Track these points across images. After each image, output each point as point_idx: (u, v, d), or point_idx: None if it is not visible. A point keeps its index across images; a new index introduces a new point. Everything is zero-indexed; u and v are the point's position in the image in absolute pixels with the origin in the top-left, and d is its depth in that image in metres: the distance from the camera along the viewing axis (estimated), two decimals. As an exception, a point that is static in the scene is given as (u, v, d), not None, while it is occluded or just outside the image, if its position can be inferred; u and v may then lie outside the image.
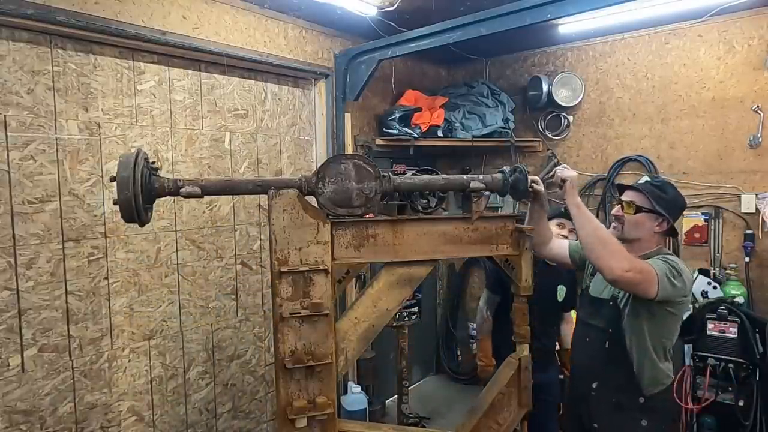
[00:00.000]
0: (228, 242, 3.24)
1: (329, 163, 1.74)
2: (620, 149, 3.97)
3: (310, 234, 1.65)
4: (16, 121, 2.36)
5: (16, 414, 2.39)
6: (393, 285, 1.78)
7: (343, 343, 1.73)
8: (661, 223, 2.04)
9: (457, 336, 4.95)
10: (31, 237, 2.42)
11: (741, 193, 3.47)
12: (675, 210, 2.07)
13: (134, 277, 2.80)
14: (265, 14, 3.23)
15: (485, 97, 4.30)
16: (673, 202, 2.06)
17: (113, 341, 2.72)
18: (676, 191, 2.10)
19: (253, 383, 3.41)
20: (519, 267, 1.93)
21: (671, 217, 2.05)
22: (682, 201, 2.10)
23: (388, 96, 4.28)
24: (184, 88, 2.98)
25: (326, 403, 1.65)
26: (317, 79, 3.68)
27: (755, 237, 3.40)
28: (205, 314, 3.13)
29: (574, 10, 2.66)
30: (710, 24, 3.50)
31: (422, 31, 3.15)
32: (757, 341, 2.97)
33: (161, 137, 2.88)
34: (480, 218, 1.85)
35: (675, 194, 2.08)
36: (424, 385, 4.91)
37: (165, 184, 1.63)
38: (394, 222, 1.79)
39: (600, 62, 4.04)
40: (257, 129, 3.37)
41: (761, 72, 3.38)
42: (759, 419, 2.96)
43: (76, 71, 2.54)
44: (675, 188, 2.12)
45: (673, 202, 2.06)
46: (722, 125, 3.54)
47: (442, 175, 1.91)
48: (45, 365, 2.48)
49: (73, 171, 2.55)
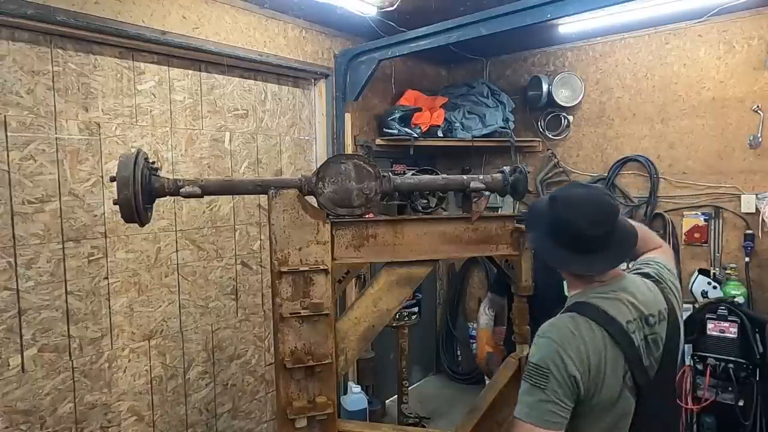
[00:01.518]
0: (228, 242, 3.24)
1: (329, 163, 1.74)
2: (620, 149, 3.97)
3: (310, 234, 1.65)
4: (16, 121, 2.36)
5: (16, 414, 2.39)
6: (393, 285, 1.78)
7: (343, 343, 1.73)
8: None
9: (457, 336, 4.95)
10: (31, 237, 2.42)
11: (741, 193, 3.46)
12: (544, 227, 1.39)
13: (134, 277, 2.80)
14: (265, 14, 3.23)
15: (485, 97, 4.30)
16: (537, 219, 1.44)
17: (113, 341, 2.72)
18: (543, 204, 1.44)
19: (253, 383, 3.41)
20: (519, 267, 1.94)
21: (548, 240, 1.38)
22: (555, 215, 1.38)
23: (388, 96, 4.28)
24: (184, 88, 2.98)
25: (326, 403, 1.66)
26: (317, 79, 3.68)
27: (755, 237, 3.40)
28: (205, 314, 3.13)
29: (574, 10, 2.66)
30: (710, 24, 3.50)
31: (422, 31, 3.15)
32: (757, 341, 2.97)
33: (161, 137, 2.88)
34: (480, 218, 1.85)
35: (541, 207, 1.44)
36: (424, 385, 4.91)
37: (165, 184, 1.63)
38: (394, 222, 1.79)
39: (600, 62, 4.04)
40: (257, 129, 3.37)
41: (761, 72, 3.38)
42: (759, 419, 2.96)
43: (76, 71, 2.54)
44: (552, 200, 1.41)
45: (537, 219, 1.44)
46: (722, 125, 3.54)
47: (442, 175, 1.91)
48: (45, 365, 2.48)
49: (73, 171, 2.55)
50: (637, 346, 1.30)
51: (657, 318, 1.35)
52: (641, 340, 1.32)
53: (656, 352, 1.33)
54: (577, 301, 1.37)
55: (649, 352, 1.33)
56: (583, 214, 1.33)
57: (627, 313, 1.32)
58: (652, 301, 1.37)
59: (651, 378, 1.32)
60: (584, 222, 1.32)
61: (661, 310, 1.37)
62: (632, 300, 1.35)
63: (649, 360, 1.32)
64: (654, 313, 1.36)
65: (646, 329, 1.33)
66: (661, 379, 1.34)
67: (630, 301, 1.35)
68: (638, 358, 1.30)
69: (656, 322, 1.35)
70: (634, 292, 1.37)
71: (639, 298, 1.36)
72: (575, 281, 1.42)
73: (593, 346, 1.26)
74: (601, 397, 1.27)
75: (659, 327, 1.34)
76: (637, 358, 1.30)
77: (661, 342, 1.34)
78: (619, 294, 1.35)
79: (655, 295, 1.39)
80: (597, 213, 1.34)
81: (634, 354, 1.29)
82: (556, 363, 1.24)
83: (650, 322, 1.34)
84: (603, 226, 1.33)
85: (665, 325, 1.35)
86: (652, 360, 1.33)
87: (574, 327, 1.29)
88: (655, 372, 1.33)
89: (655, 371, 1.33)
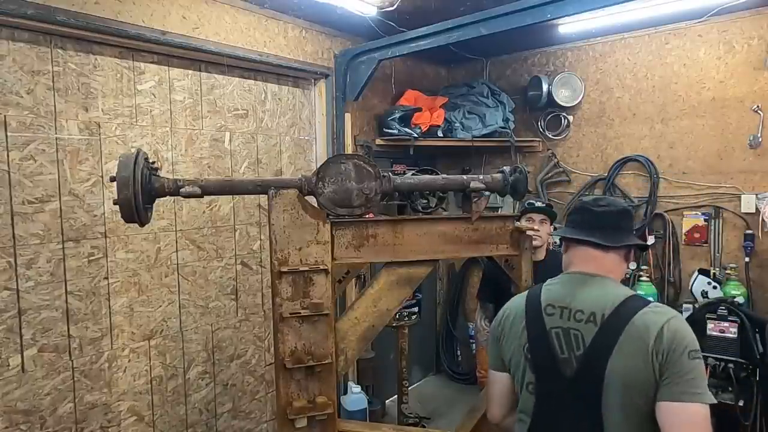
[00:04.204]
0: (228, 242, 3.24)
1: (329, 163, 1.74)
2: (620, 149, 3.97)
3: (310, 234, 1.65)
4: (16, 121, 2.36)
5: (16, 414, 2.39)
6: (393, 285, 1.78)
7: (343, 343, 1.73)
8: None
9: (457, 336, 4.95)
10: (31, 237, 2.42)
11: (741, 193, 3.46)
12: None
13: (134, 277, 2.80)
14: (265, 14, 3.23)
15: (485, 97, 4.30)
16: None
17: (113, 341, 2.72)
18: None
19: (253, 383, 3.41)
20: (519, 267, 1.94)
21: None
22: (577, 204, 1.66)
23: (388, 96, 4.28)
24: (184, 88, 2.98)
25: (326, 403, 1.66)
26: (317, 79, 3.68)
27: (755, 237, 3.40)
28: (205, 314, 3.13)
29: (574, 10, 2.66)
30: (710, 24, 3.50)
31: (422, 31, 3.15)
32: (757, 341, 2.97)
33: (161, 137, 2.88)
34: (480, 218, 1.85)
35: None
36: (424, 385, 4.91)
37: (165, 184, 1.63)
38: (394, 222, 1.79)
39: (600, 62, 4.04)
40: (257, 129, 3.37)
41: (761, 72, 3.38)
42: (759, 419, 2.96)
43: (76, 71, 2.54)
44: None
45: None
46: (722, 125, 3.54)
47: (442, 175, 1.91)
48: (45, 365, 2.48)
49: (73, 171, 2.55)
50: (548, 329, 1.42)
51: (586, 317, 1.37)
52: (558, 328, 1.41)
53: (576, 350, 1.37)
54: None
55: (568, 344, 1.38)
56: (595, 197, 1.61)
57: (555, 299, 1.45)
58: (591, 301, 1.39)
59: (561, 370, 1.37)
60: (591, 199, 1.55)
61: (595, 312, 1.36)
62: (571, 292, 1.44)
63: (566, 352, 1.38)
64: (584, 310, 1.38)
65: (570, 322, 1.40)
66: (581, 381, 1.35)
67: (567, 292, 1.45)
68: (543, 339, 1.42)
69: (583, 320, 1.38)
70: (577, 287, 1.45)
71: (579, 293, 1.43)
72: (565, 268, 1.55)
73: (514, 312, 1.52)
74: (508, 355, 1.52)
75: (584, 326, 1.37)
76: (542, 338, 1.42)
77: (582, 342, 1.36)
78: (566, 284, 1.48)
79: (602, 300, 1.38)
80: (606, 198, 1.57)
81: (539, 333, 1.43)
82: (494, 321, 1.60)
83: (577, 317, 1.39)
84: (611, 206, 1.50)
85: (592, 328, 1.35)
86: (572, 355, 1.37)
87: (517, 299, 1.56)
88: (575, 371, 1.35)
89: (575, 370, 1.36)
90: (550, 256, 2.84)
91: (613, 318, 1.33)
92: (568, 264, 1.53)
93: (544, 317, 1.43)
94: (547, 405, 1.41)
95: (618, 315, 1.33)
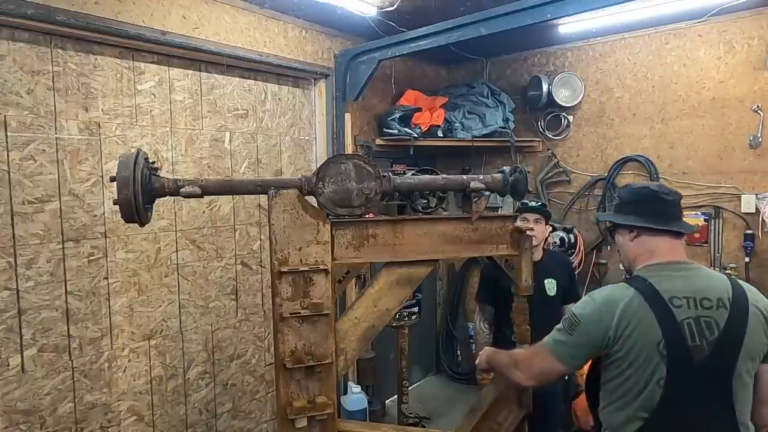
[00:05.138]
0: (228, 242, 3.24)
1: (329, 163, 1.74)
2: (620, 149, 3.97)
3: (310, 234, 1.65)
4: (16, 121, 2.36)
5: (16, 414, 2.39)
6: (393, 285, 1.78)
7: (343, 343, 1.73)
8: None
9: (457, 336, 4.95)
10: (31, 237, 2.42)
11: (741, 193, 3.46)
12: (619, 209, 1.71)
13: (134, 277, 2.80)
14: (265, 14, 3.23)
15: (485, 97, 4.30)
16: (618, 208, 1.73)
17: (113, 341, 2.72)
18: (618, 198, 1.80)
19: (253, 383, 3.41)
20: (519, 267, 1.94)
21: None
22: (629, 191, 1.75)
23: (388, 96, 4.28)
24: (184, 88, 2.98)
25: (326, 403, 1.66)
26: (317, 79, 3.68)
27: (755, 237, 3.40)
28: (205, 314, 3.13)
29: (574, 10, 2.66)
30: (710, 24, 3.50)
31: (422, 31, 3.15)
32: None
33: (161, 137, 2.88)
34: (480, 218, 1.85)
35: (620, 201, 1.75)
36: (424, 385, 4.91)
37: (165, 184, 1.63)
38: (394, 222, 1.79)
39: (600, 62, 4.04)
40: (257, 129, 3.37)
41: (761, 72, 3.38)
42: (759, 419, 2.96)
43: (76, 71, 2.54)
44: (625, 186, 1.94)
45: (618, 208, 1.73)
46: (722, 125, 3.54)
47: (442, 175, 1.91)
48: (45, 365, 2.48)
49: (73, 171, 2.55)
50: (680, 321, 1.41)
51: (714, 303, 1.43)
52: (690, 318, 1.42)
53: (710, 336, 1.41)
54: (636, 275, 1.55)
55: (700, 332, 1.41)
56: (658, 185, 1.62)
57: (677, 291, 1.45)
58: (709, 287, 1.46)
59: (694, 359, 1.40)
60: (656, 187, 1.59)
61: (721, 297, 1.44)
62: (686, 281, 1.47)
63: (698, 340, 1.41)
64: (709, 297, 1.44)
65: (699, 310, 1.43)
66: (711, 365, 1.41)
67: (683, 282, 1.47)
68: (678, 332, 1.41)
69: (712, 306, 1.43)
70: (686, 276, 1.49)
71: (693, 282, 1.48)
72: (639, 259, 1.57)
73: (629, 310, 1.44)
74: (633, 353, 1.43)
75: (715, 312, 1.43)
76: (677, 332, 1.41)
77: (716, 327, 1.41)
78: (672, 273, 1.49)
79: (718, 285, 1.48)
80: (665, 186, 1.62)
81: (671, 326, 1.41)
82: (589, 318, 1.50)
83: (704, 305, 1.43)
84: (674, 194, 1.57)
85: (723, 312, 1.42)
86: (704, 342, 1.40)
87: (619, 293, 1.49)
88: (707, 356, 1.40)
89: (707, 355, 1.40)
90: (548, 255, 2.83)
91: (736, 299, 1.44)
92: (650, 253, 1.54)
93: (672, 310, 1.43)
94: (672, 396, 1.42)
95: (738, 296, 1.45)
